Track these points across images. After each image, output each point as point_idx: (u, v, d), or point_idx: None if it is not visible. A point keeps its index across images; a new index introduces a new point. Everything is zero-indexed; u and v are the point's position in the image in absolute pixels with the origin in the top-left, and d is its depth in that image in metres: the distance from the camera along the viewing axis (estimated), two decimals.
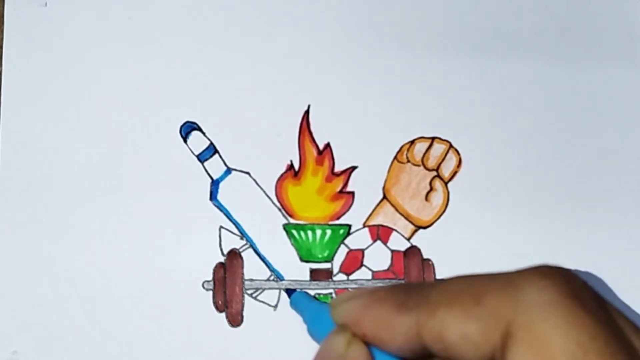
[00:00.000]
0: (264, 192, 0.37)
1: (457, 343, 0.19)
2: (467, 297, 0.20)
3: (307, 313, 0.26)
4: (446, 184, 0.38)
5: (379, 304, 0.21)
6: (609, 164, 0.38)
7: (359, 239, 0.37)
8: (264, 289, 0.36)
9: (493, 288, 0.19)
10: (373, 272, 0.37)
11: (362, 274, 0.37)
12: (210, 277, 0.36)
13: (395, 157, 0.38)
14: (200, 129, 0.37)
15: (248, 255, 0.37)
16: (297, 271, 0.37)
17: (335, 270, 0.37)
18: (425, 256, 0.37)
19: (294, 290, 0.35)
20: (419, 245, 0.37)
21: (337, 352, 0.21)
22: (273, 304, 0.36)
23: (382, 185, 0.38)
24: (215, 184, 0.37)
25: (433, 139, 0.38)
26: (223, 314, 0.36)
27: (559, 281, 0.19)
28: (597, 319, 0.18)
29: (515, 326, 0.18)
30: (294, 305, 0.29)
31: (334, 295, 0.37)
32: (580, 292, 0.19)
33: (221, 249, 0.36)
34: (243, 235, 0.37)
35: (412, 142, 0.38)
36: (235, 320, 0.36)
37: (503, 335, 0.19)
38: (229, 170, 0.37)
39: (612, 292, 0.37)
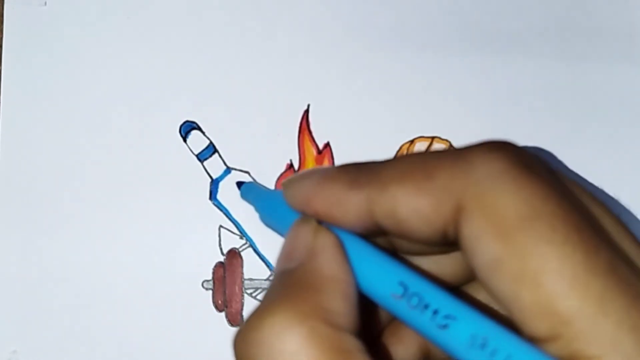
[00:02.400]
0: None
1: (409, 218, 0.19)
2: (419, 172, 0.19)
3: (259, 201, 0.26)
4: None
5: (330, 182, 0.21)
6: (609, 164, 0.38)
7: None
8: (263, 289, 0.36)
9: (444, 163, 0.19)
10: None
11: None
12: (209, 277, 0.36)
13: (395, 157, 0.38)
14: (199, 129, 0.37)
15: (248, 255, 0.37)
16: None
17: None
18: None
19: (242, 182, 0.34)
20: None
21: (304, 242, 0.21)
22: None
23: None
24: (214, 183, 0.37)
25: (433, 138, 0.38)
26: (223, 314, 0.36)
27: (509, 153, 0.19)
28: (548, 183, 0.18)
29: (467, 198, 0.18)
30: (244, 195, 0.28)
31: None
32: (530, 161, 0.19)
33: (221, 249, 0.36)
34: (243, 234, 0.37)
35: (412, 142, 0.38)
36: (235, 319, 0.36)
37: (455, 208, 0.19)
38: (228, 170, 0.37)
39: None
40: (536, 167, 0.19)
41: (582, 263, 0.17)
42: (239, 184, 0.35)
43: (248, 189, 0.29)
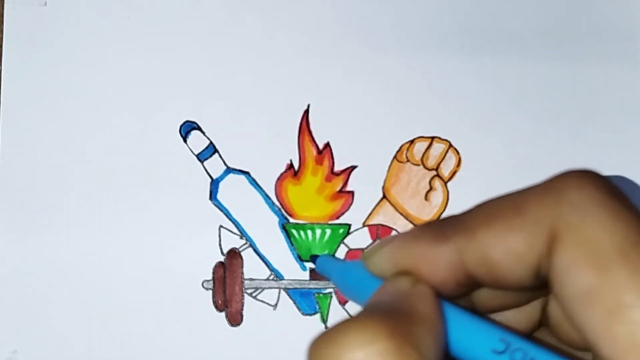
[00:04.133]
0: (264, 191, 0.37)
1: (502, 260, 0.19)
2: (507, 210, 0.19)
3: (336, 272, 0.25)
4: (446, 183, 0.38)
5: (415, 241, 0.20)
6: (608, 164, 0.38)
7: (358, 239, 0.37)
8: (263, 289, 0.36)
9: (532, 196, 0.19)
10: None
11: None
12: (210, 277, 0.36)
13: (395, 157, 0.38)
14: (199, 129, 0.37)
15: (248, 255, 0.37)
16: (296, 270, 0.37)
17: None
18: None
19: (317, 255, 0.34)
20: None
21: (402, 287, 0.20)
22: (273, 303, 0.36)
23: (381, 184, 0.38)
24: (215, 183, 0.37)
25: (432, 138, 0.38)
26: (223, 313, 0.36)
27: (596, 181, 0.19)
28: (638, 214, 0.18)
29: (560, 228, 0.18)
30: (320, 269, 0.28)
31: (333, 295, 0.37)
32: (617, 191, 0.19)
33: (221, 249, 0.36)
34: (243, 234, 0.37)
35: (412, 142, 0.38)
36: (235, 319, 0.36)
37: (548, 240, 0.18)
38: (228, 170, 0.37)
39: None
40: (623, 197, 0.19)
41: None
42: (314, 258, 0.35)
43: (324, 262, 0.28)
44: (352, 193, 0.38)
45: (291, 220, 0.37)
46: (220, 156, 0.37)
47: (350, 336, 0.17)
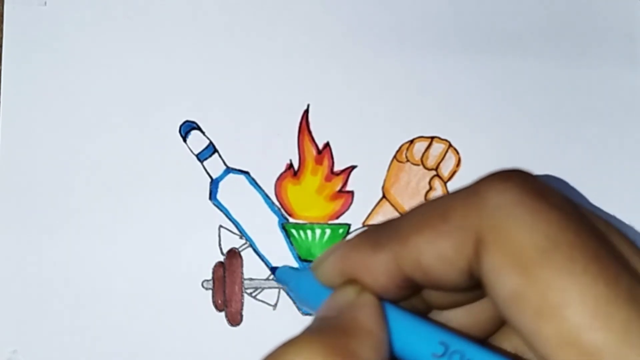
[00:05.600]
0: (263, 191, 0.37)
1: (434, 265, 0.19)
2: (434, 217, 0.19)
3: (292, 282, 0.26)
4: (445, 183, 0.38)
5: (354, 251, 0.21)
6: (608, 164, 0.38)
7: None
8: (263, 288, 0.36)
9: (457, 201, 0.19)
10: None
11: None
12: (209, 277, 0.36)
13: (395, 157, 0.38)
14: (199, 129, 0.37)
15: (247, 255, 0.37)
16: None
17: None
18: None
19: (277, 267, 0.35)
20: None
21: (347, 299, 0.20)
22: (272, 303, 0.36)
23: (381, 184, 0.38)
24: (214, 183, 0.37)
25: (432, 138, 0.38)
26: (222, 313, 0.36)
27: (519, 182, 0.19)
28: (563, 212, 0.18)
29: (484, 232, 0.18)
30: (279, 279, 0.29)
31: None
32: (542, 189, 0.19)
33: (220, 248, 0.37)
34: (242, 234, 0.37)
35: (412, 142, 0.38)
36: (235, 319, 0.36)
37: (474, 245, 0.18)
38: (228, 170, 0.37)
39: None
40: (549, 195, 0.19)
41: (604, 293, 0.17)
42: (273, 270, 0.35)
43: (282, 272, 0.29)
44: (351, 193, 0.38)
45: (291, 220, 0.37)
46: (220, 156, 0.37)
47: (288, 356, 0.18)
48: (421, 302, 0.22)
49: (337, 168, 0.38)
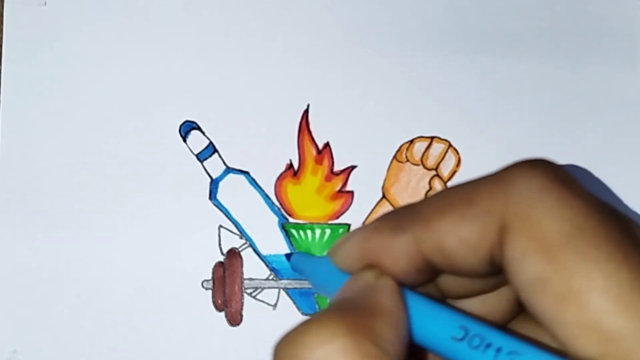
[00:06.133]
0: (263, 191, 0.37)
1: (456, 249, 0.19)
2: (459, 201, 0.19)
3: (308, 268, 0.26)
4: (445, 183, 0.38)
5: (374, 234, 0.21)
6: (608, 164, 0.38)
7: None
8: (263, 288, 0.36)
9: (483, 187, 0.19)
10: None
11: None
12: (209, 276, 0.36)
13: (395, 157, 0.38)
14: (199, 128, 0.37)
15: (247, 255, 0.37)
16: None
17: None
18: None
19: (291, 254, 0.35)
20: None
21: (366, 282, 0.20)
22: (272, 303, 0.36)
23: (381, 184, 0.38)
24: (214, 183, 0.37)
25: (432, 138, 0.38)
26: (222, 313, 0.36)
27: (546, 170, 0.19)
28: (587, 200, 0.18)
29: (509, 218, 0.18)
30: (294, 265, 0.29)
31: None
32: (568, 178, 0.19)
33: (220, 248, 0.37)
34: (242, 234, 0.37)
35: (412, 142, 0.38)
36: (235, 319, 0.36)
37: (499, 231, 0.19)
38: (228, 170, 0.37)
39: None
40: (575, 184, 0.19)
41: (627, 281, 0.17)
42: (288, 256, 0.35)
43: (297, 260, 0.29)
44: (351, 193, 0.38)
45: (291, 220, 0.37)
46: (219, 156, 0.37)
47: (309, 335, 0.18)
48: (436, 290, 0.22)
49: (337, 168, 0.38)
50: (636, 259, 0.17)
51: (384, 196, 0.37)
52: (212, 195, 0.37)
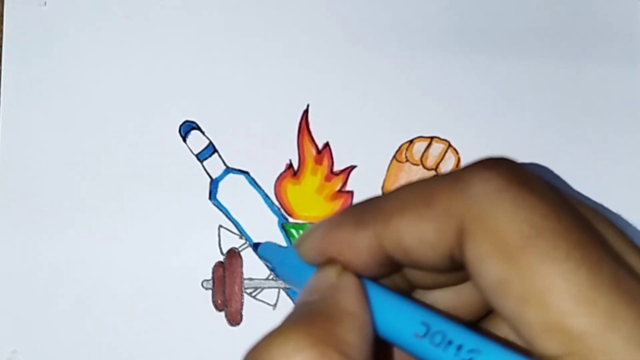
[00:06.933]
0: (263, 191, 0.37)
1: (415, 247, 0.19)
2: (418, 200, 0.19)
3: (275, 259, 0.26)
4: None
5: (337, 228, 0.21)
6: (608, 163, 0.38)
7: None
8: (263, 288, 0.36)
9: (442, 187, 0.19)
10: None
11: None
12: (209, 276, 0.36)
13: (394, 157, 0.38)
14: (199, 128, 0.37)
15: (247, 255, 0.37)
16: None
17: None
18: None
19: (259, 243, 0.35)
20: None
21: (328, 281, 0.21)
22: (272, 303, 0.36)
23: (381, 184, 0.38)
24: (214, 183, 0.37)
25: (432, 138, 0.38)
26: (222, 313, 0.36)
27: (503, 170, 0.19)
28: (547, 199, 0.18)
29: (467, 220, 0.18)
30: (261, 255, 0.29)
31: None
32: (527, 177, 0.19)
33: (220, 248, 0.37)
34: (242, 234, 0.37)
35: (411, 142, 0.38)
36: (235, 319, 0.36)
37: (458, 232, 0.19)
38: (228, 170, 0.37)
39: None
40: (534, 183, 0.19)
41: (587, 279, 0.17)
42: (255, 246, 0.35)
43: (265, 248, 0.29)
44: (351, 193, 0.38)
45: (291, 220, 0.37)
46: (219, 156, 0.37)
47: (274, 348, 0.18)
48: (404, 280, 0.22)
49: (336, 168, 0.38)
50: (596, 256, 0.17)
51: None
52: (212, 195, 0.37)
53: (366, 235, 0.20)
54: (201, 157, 0.37)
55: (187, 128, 0.37)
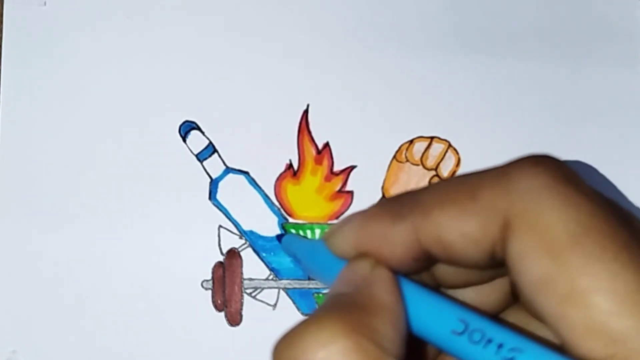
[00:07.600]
0: (263, 191, 0.37)
1: (456, 242, 0.19)
2: (461, 194, 0.19)
3: (300, 251, 0.25)
4: None
5: (373, 221, 0.21)
6: (609, 164, 0.38)
7: None
8: (263, 288, 0.36)
9: (486, 181, 0.19)
10: None
11: None
12: (209, 277, 0.36)
13: (394, 157, 0.38)
14: (199, 128, 0.37)
15: (247, 255, 0.37)
16: (296, 270, 0.37)
17: None
18: None
19: (283, 235, 0.35)
20: None
21: (362, 273, 0.20)
22: (272, 303, 0.36)
23: (381, 184, 0.38)
24: (214, 183, 0.37)
25: (432, 138, 0.38)
26: (222, 313, 0.36)
27: (550, 167, 0.19)
28: (593, 199, 0.18)
29: (512, 215, 0.18)
30: (285, 247, 0.28)
31: None
32: (572, 175, 0.19)
33: (220, 248, 0.37)
34: (242, 234, 0.37)
35: (411, 142, 0.38)
36: (234, 319, 0.36)
37: (501, 227, 0.18)
38: (228, 170, 0.37)
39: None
40: (579, 181, 0.19)
41: (633, 281, 0.17)
42: (279, 237, 0.35)
43: (289, 241, 0.29)
44: (351, 193, 0.38)
45: (291, 220, 0.37)
46: (219, 156, 0.37)
47: (309, 337, 0.18)
48: (430, 278, 0.22)
49: (336, 168, 0.38)
50: None
51: (383, 196, 0.37)
52: (212, 195, 0.37)
53: (404, 229, 0.20)
54: (201, 157, 0.37)
55: (187, 128, 0.37)
